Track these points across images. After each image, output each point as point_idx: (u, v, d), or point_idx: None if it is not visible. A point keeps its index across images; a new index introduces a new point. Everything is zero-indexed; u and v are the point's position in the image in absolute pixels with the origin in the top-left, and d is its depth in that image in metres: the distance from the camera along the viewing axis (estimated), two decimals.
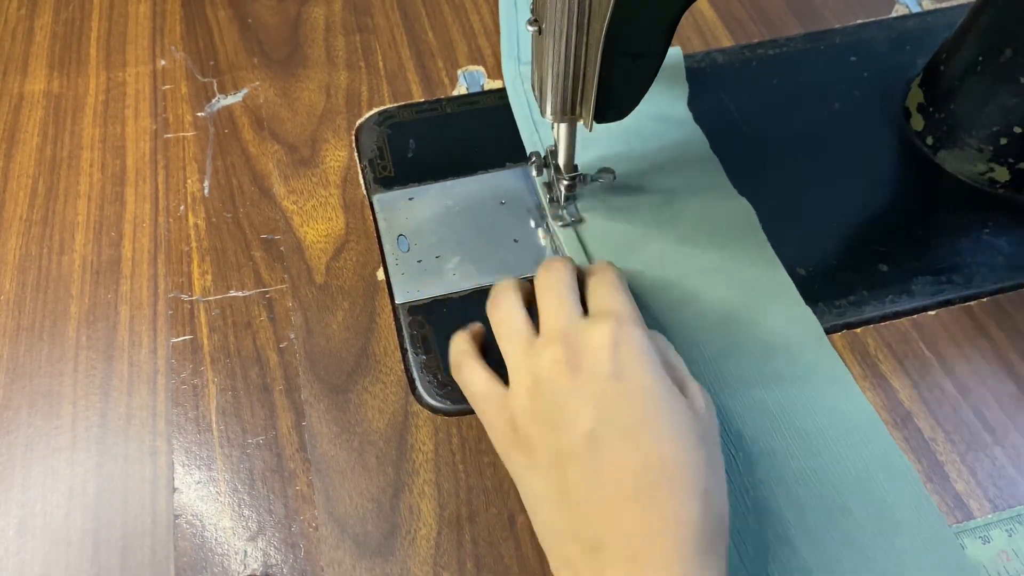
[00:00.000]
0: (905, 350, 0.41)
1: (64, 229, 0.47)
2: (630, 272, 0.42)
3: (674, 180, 0.47)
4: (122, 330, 0.42)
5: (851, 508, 0.35)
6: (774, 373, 0.39)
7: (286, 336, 0.42)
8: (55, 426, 0.39)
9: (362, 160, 0.49)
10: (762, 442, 0.37)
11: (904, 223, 0.46)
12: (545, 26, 0.34)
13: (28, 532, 0.37)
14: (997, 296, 0.43)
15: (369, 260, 0.45)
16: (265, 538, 0.36)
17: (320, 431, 0.39)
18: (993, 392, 0.40)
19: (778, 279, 0.42)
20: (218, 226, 0.46)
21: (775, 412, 0.38)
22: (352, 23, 0.57)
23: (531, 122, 0.50)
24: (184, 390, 0.40)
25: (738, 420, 0.38)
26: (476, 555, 0.36)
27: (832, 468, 0.36)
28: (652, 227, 0.45)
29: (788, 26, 0.56)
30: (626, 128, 0.46)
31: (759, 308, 0.41)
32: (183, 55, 0.55)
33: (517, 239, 0.45)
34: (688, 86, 0.52)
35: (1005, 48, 0.43)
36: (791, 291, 0.42)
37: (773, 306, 0.41)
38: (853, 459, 0.37)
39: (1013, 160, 0.45)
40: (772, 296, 0.42)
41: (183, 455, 0.38)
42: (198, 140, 0.50)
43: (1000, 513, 0.36)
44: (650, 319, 0.41)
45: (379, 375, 0.41)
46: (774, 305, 0.41)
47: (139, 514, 0.37)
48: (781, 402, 0.38)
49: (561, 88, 0.37)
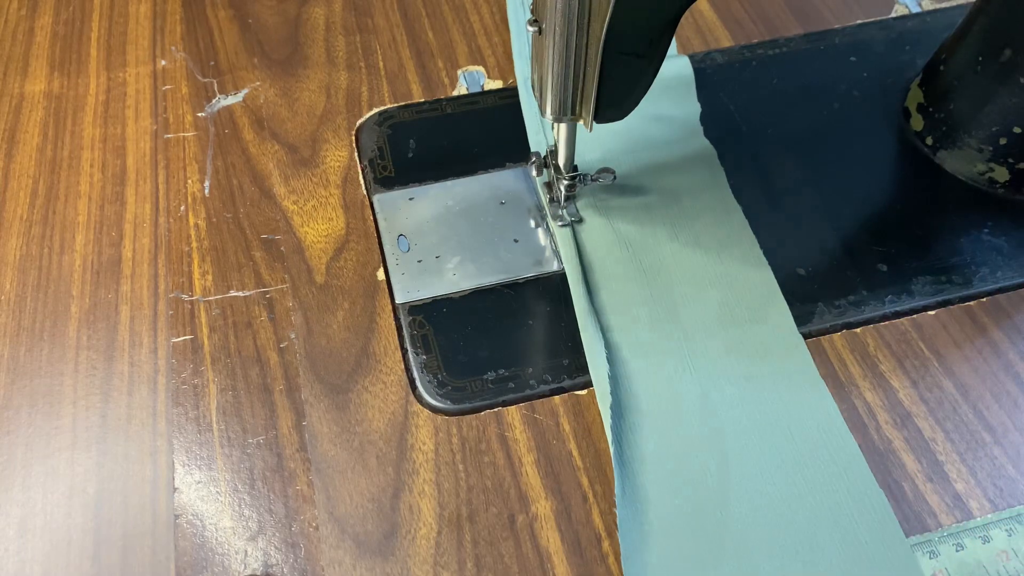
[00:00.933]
0: (905, 350, 0.41)
1: (65, 229, 0.47)
2: (626, 272, 0.43)
3: (675, 181, 0.47)
4: (122, 330, 0.42)
5: (820, 542, 0.35)
6: (755, 379, 0.39)
7: (286, 336, 0.42)
8: (55, 426, 0.39)
9: (362, 160, 0.49)
10: (740, 458, 0.37)
11: (904, 223, 0.46)
12: (545, 26, 0.34)
13: (29, 531, 0.37)
14: (997, 296, 0.43)
15: (369, 260, 0.45)
16: (265, 538, 0.36)
17: (320, 431, 0.39)
18: (993, 392, 0.40)
19: (769, 287, 0.42)
20: (218, 226, 0.46)
21: (754, 424, 0.38)
22: (352, 23, 0.57)
23: (539, 122, 0.49)
24: (184, 390, 0.40)
25: (720, 423, 0.38)
26: (476, 555, 0.36)
27: (805, 496, 0.36)
28: (649, 228, 0.45)
29: (788, 26, 0.56)
30: (628, 128, 0.46)
31: (750, 314, 0.41)
32: (183, 55, 0.55)
33: (517, 239, 0.45)
34: (696, 94, 0.51)
35: (1004, 48, 0.43)
36: (779, 300, 0.42)
37: (762, 313, 0.41)
38: (826, 488, 0.36)
39: (1013, 160, 0.45)
40: (762, 303, 0.42)
41: (183, 455, 0.39)
42: (198, 140, 0.50)
43: (1000, 513, 0.36)
44: (646, 320, 0.41)
45: (379, 375, 0.41)
46: (763, 312, 0.41)
47: (139, 514, 0.37)
48: (759, 415, 0.38)
49: (561, 88, 0.37)
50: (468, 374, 0.40)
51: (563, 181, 0.43)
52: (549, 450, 0.38)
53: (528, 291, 0.43)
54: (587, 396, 0.40)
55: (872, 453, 0.38)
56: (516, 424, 0.39)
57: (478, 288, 0.43)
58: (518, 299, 0.43)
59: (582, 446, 0.39)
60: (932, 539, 0.36)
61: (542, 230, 0.45)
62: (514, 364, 0.41)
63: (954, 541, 0.36)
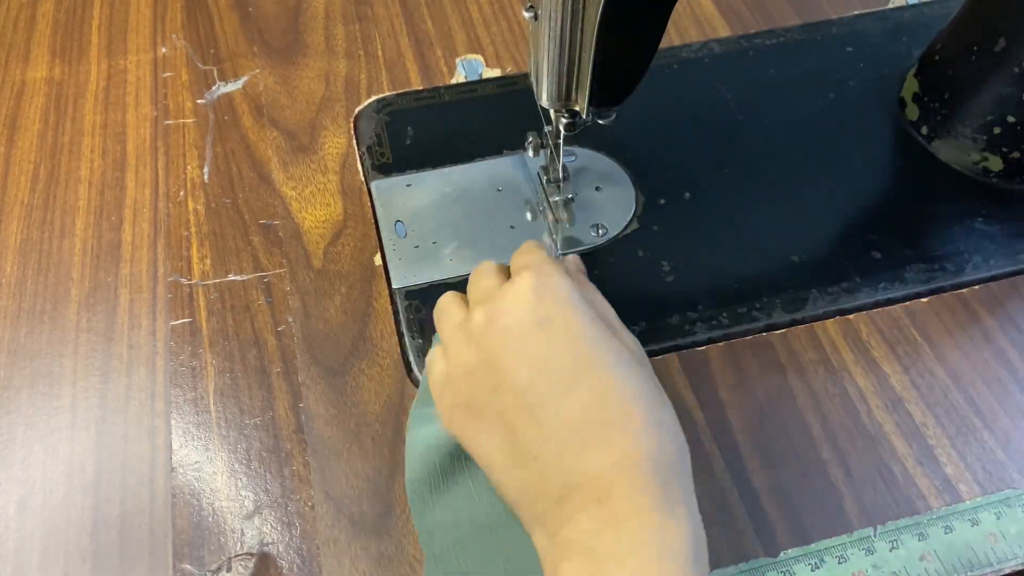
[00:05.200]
0: (897, 336, 0.42)
1: (65, 214, 0.47)
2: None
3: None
4: (122, 313, 0.43)
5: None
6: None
7: (284, 319, 0.42)
8: (55, 406, 0.40)
9: (360, 147, 0.49)
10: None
11: (898, 211, 0.46)
12: (540, 12, 0.35)
13: (28, 510, 0.37)
14: (989, 284, 0.43)
15: (367, 245, 0.45)
16: (262, 517, 0.37)
17: (317, 412, 0.39)
18: (983, 377, 0.40)
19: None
20: (217, 211, 0.47)
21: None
22: (352, 12, 0.57)
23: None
24: (183, 372, 0.41)
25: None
26: None
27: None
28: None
29: (785, 17, 0.56)
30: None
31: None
32: (184, 43, 0.55)
33: (513, 225, 0.45)
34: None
35: (999, 38, 0.43)
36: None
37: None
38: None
39: (1006, 149, 0.45)
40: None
41: (181, 435, 0.39)
42: (198, 127, 0.51)
43: (989, 496, 0.37)
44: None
45: (376, 358, 0.41)
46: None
47: (137, 492, 0.37)
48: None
49: (556, 74, 0.37)
50: None
51: (562, 120, 0.41)
52: None
53: None
54: None
55: (863, 437, 0.38)
56: None
57: None
58: None
59: None
60: (921, 521, 0.36)
61: (540, 215, 0.46)
62: None
63: (943, 524, 0.36)
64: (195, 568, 0.35)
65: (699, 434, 0.39)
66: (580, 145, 0.48)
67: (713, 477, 0.37)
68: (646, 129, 0.50)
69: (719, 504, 0.37)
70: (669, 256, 0.44)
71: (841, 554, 0.36)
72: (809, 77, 0.52)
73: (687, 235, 0.45)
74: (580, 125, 0.41)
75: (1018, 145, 0.45)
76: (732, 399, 0.40)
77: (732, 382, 0.40)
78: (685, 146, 0.49)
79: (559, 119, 0.41)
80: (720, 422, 0.39)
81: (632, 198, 0.47)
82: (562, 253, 0.44)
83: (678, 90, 0.52)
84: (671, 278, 0.43)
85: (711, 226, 0.46)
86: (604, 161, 0.48)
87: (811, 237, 0.45)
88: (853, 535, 0.36)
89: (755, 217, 0.46)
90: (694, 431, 0.39)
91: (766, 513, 0.37)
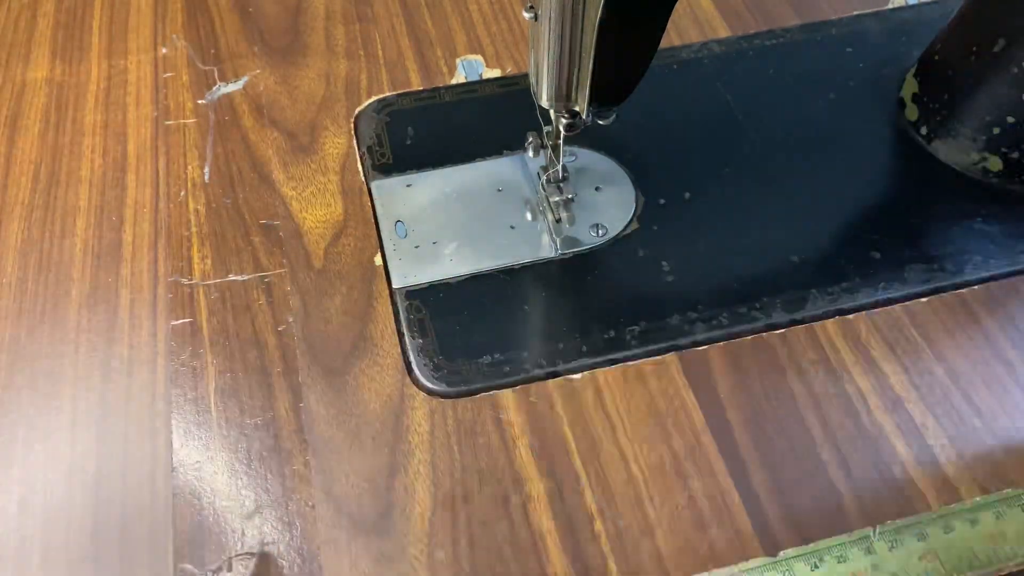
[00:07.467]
0: (897, 336, 0.42)
1: (66, 214, 0.47)
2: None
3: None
4: (122, 313, 0.43)
5: None
6: None
7: (284, 319, 0.42)
8: (56, 406, 0.40)
9: (361, 147, 0.49)
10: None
11: (897, 211, 0.46)
12: (540, 12, 0.35)
13: (29, 510, 0.37)
14: (988, 284, 0.43)
15: (367, 246, 0.45)
16: (262, 516, 0.37)
17: (317, 412, 0.39)
18: (983, 378, 0.40)
19: None
20: (218, 211, 0.47)
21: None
22: (352, 12, 0.57)
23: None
24: (183, 372, 0.41)
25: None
26: (470, 534, 0.36)
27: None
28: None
29: (785, 17, 0.56)
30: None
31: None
32: (184, 43, 0.55)
33: (513, 225, 0.46)
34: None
35: (998, 38, 0.43)
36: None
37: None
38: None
39: (1006, 150, 0.46)
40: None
41: (182, 435, 0.39)
42: (199, 127, 0.51)
43: (989, 496, 0.37)
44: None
45: (376, 358, 0.41)
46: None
47: (138, 492, 0.37)
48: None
49: (556, 74, 0.37)
50: (464, 358, 0.41)
51: (562, 120, 0.41)
52: (543, 433, 0.39)
53: (524, 277, 0.44)
54: (581, 380, 0.40)
55: (863, 438, 0.38)
56: (511, 407, 0.40)
57: (474, 273, 0.44)
58: (514, 285, 0.43)
59: (575, 429, 0.39)
60: (922, 521, 0.36)
61: (539, 214, 0.46)
62: (509, 348, 0.41)
63: (943, 524, 0.36)
64: (196, 567, 0.35)
65: (699, 434, 0.39)
66: (580, 145, 0.48)
67: (713, 477, 0.37)
68: (646, 129, 0.50)
69: (719, 504, 0.37)
70: (669, 256, 0.44)
71: (841, 554, 0.36)
72: (809, 77, 0.52)
73: (687, 235, 0.45)
74: (580, 125, 0.41)
75: (1018, 145, 0.45)
76: (732, 399, 0.40)
77: (732, 382, 0.40)
78: (685, 146, 0.49)
79: (559, 119, 0.41)
80: (720, 422, 0.39)
81: (632, 198, 0.47)
82: (562, 253, 0.44)
83: (678, 90, 0.52)
84: (671, 278, 0.44)
85: (711, 226, 0.46)
86: (604, 161, 0.48)
87: (811, 237, 0.45)
88: (853, 535, 0.36)
89: (755, 217, 0.46)
90: (694, 431, 0.39)
91: (766, 513, 0.37)
